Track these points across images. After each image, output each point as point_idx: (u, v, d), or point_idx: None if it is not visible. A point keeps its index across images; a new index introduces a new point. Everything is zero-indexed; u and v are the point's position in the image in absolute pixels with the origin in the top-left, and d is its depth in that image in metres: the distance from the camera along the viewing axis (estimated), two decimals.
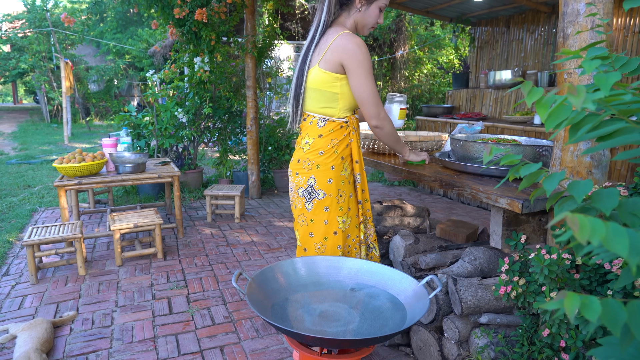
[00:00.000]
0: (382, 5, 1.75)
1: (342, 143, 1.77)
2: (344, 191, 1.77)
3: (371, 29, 1.82)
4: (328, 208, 1.75)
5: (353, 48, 1.64)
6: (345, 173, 1.77)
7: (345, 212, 1.78)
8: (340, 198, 1.76)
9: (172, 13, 4.45)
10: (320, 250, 1.78)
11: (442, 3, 5.35)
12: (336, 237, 1.77)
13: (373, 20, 1.77)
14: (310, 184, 1.75)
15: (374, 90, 1.68)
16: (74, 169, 3.21)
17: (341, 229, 1.77)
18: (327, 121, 1.75)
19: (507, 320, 1.74)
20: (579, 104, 0.53)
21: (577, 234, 0.47)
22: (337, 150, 1.75)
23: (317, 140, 1.75)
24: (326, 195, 1.74)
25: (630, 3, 0.73)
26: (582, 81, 1.44)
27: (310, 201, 1.75)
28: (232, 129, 5.60)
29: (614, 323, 0.49)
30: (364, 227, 1.85)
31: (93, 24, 18.34)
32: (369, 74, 1.66)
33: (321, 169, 1.74)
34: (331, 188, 1.74)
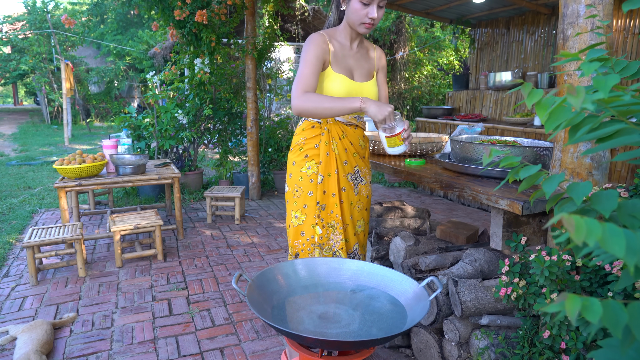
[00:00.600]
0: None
1: (311, 142, 1.81)
2: (301, 187, 1.81)
3: (366, 26, 1.72)
4: (288, 201, 1.86)
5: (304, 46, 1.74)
6: (307, 171, 1.80)
7: (300, 208, 1.81)
8: (296, 193, 1.82)
9: (173, 15, 4.46)
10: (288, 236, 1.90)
11: (442, 5, 5.35)
12: (290, 230, 1.86)
13: (357, 16, 1.69)
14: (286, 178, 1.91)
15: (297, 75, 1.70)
16: (74, 170, 3.21)
17: (293, 224, 1.83)
18: (303, 120, 1.87)
19: (508, 321, 1.74)
20: (578, 104, 0.53)
21: (573, 235, 0.47)
22: (302, 148, 1.82)
23: (293, 138, 1.89)
24: (288, 189, 1.86)
25: (630, 5, 0.73)
26: (582, 83, 1.44)
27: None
28: (233, 130, 5.60)
29: (615, 325, 0.49)
30: (320, 230, 1.79)
31: (93, 26, 18.38)
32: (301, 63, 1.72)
33: (289, 164, 1.87)
34: (290, 182, 1.84)
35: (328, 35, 1.78)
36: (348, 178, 1.84)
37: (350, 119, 1.86)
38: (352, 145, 1.86)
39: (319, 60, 1.71)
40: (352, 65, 1.83)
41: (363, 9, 1.67)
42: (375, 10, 1.67)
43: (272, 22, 5.12)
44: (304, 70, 1.69)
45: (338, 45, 1.80)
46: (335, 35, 1.81)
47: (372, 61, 1.90)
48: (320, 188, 1.79)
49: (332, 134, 1.80)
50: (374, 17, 1.68)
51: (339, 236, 1.82)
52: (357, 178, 1.89)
